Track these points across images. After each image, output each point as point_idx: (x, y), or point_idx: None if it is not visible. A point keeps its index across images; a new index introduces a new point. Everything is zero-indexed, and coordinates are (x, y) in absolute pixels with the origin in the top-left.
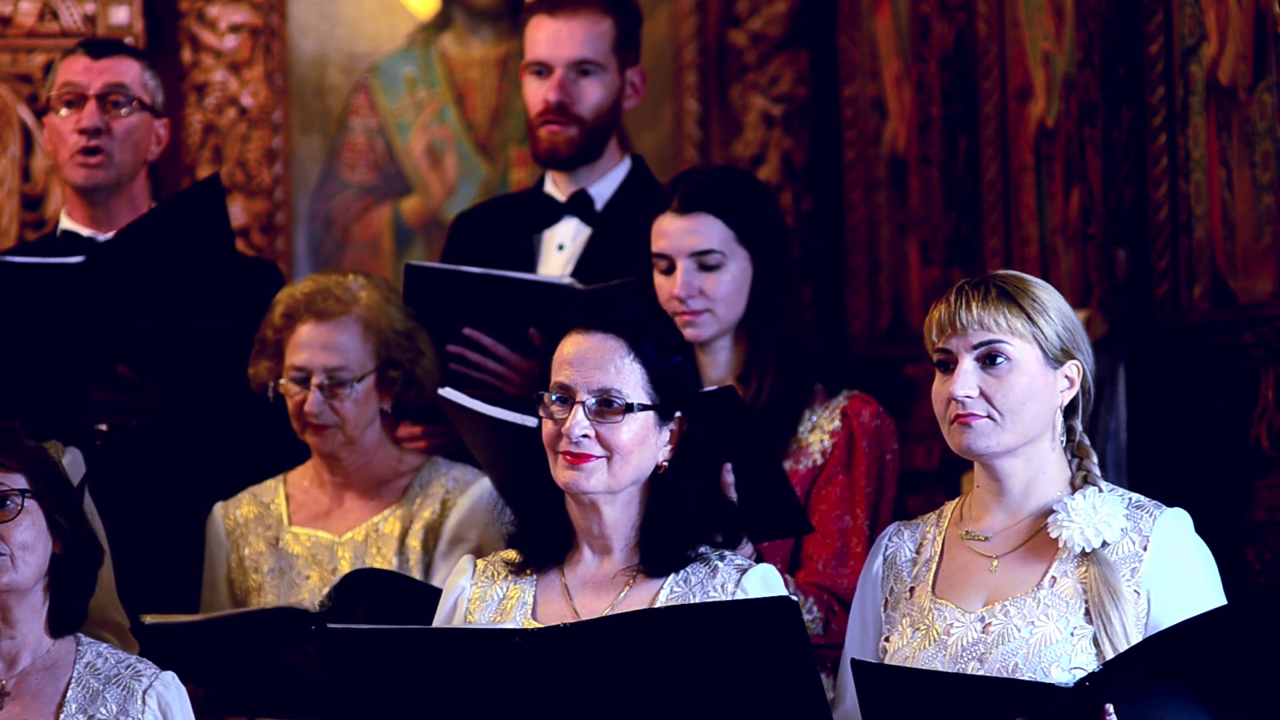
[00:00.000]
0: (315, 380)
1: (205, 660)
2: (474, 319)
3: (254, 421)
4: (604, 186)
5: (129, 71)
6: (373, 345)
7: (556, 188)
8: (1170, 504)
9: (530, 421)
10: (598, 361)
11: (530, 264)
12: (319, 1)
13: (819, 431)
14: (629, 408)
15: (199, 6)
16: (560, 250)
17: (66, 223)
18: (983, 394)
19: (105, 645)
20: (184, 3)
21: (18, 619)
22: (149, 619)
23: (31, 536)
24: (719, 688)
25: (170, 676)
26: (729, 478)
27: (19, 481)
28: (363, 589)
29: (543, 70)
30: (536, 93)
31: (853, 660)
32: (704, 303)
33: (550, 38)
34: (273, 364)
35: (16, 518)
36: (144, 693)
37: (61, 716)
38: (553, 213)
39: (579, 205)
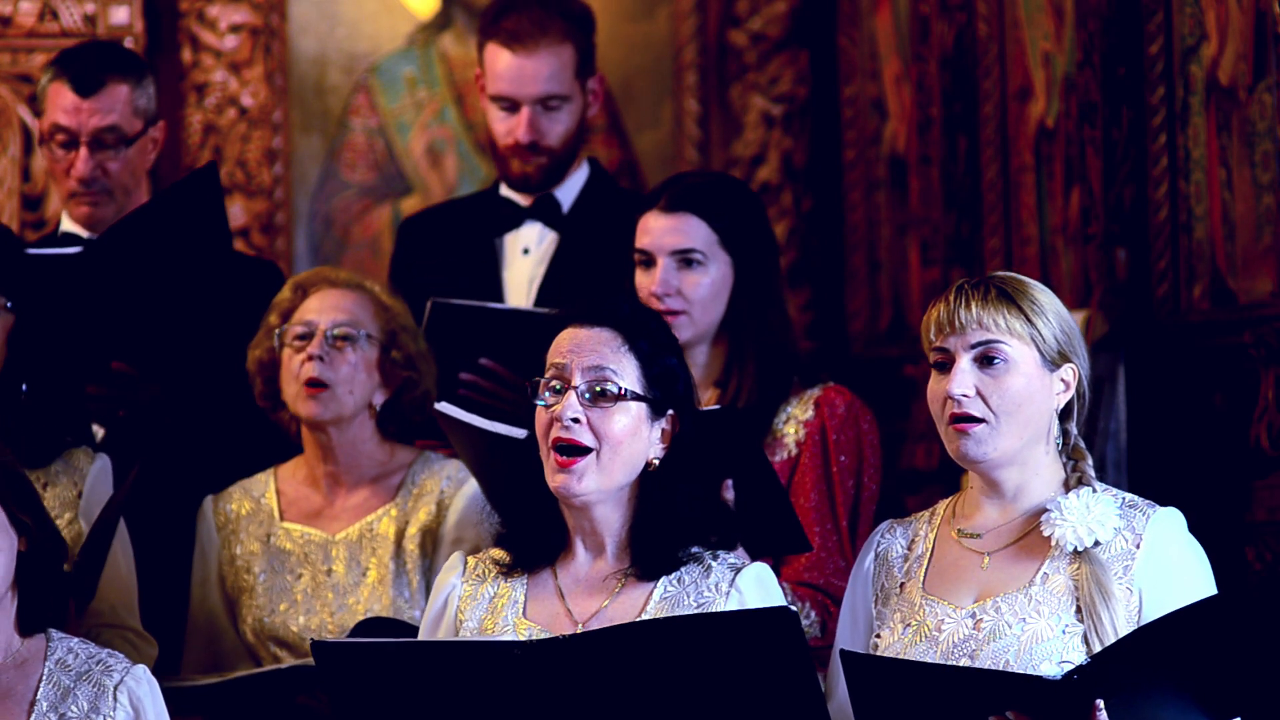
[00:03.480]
0: (322, 328)
1: (221, 709)
2: (496, 352)
3: (249, 419)
4: (568, 190)
5: (118, 104)
6: (382, 320)
7: (516, 192)
8: (1170, 504)
9: (524, 434)
10: (593, 348)
11: (493, 267)
12: (319, 1)
13: (793, 422)
14: (621, 394)
15: (199, 6)
16: (526, 254)
17: (68, 224)
18: (979, 394)
19: (76, 640)
20: (184, 3)
21: None
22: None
23: None
24: (719, 697)
25: (141, 670)
26: (729, 494)
27: None
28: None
29: (508, 105)
30: (503, 124)
31: (842, 651)
32: (681, 303)
33: (514, 74)
34: (274, 343)
35: None
36: (115, 688)
37: (33, 715)
38: (514, 217)
39: (544, 209)
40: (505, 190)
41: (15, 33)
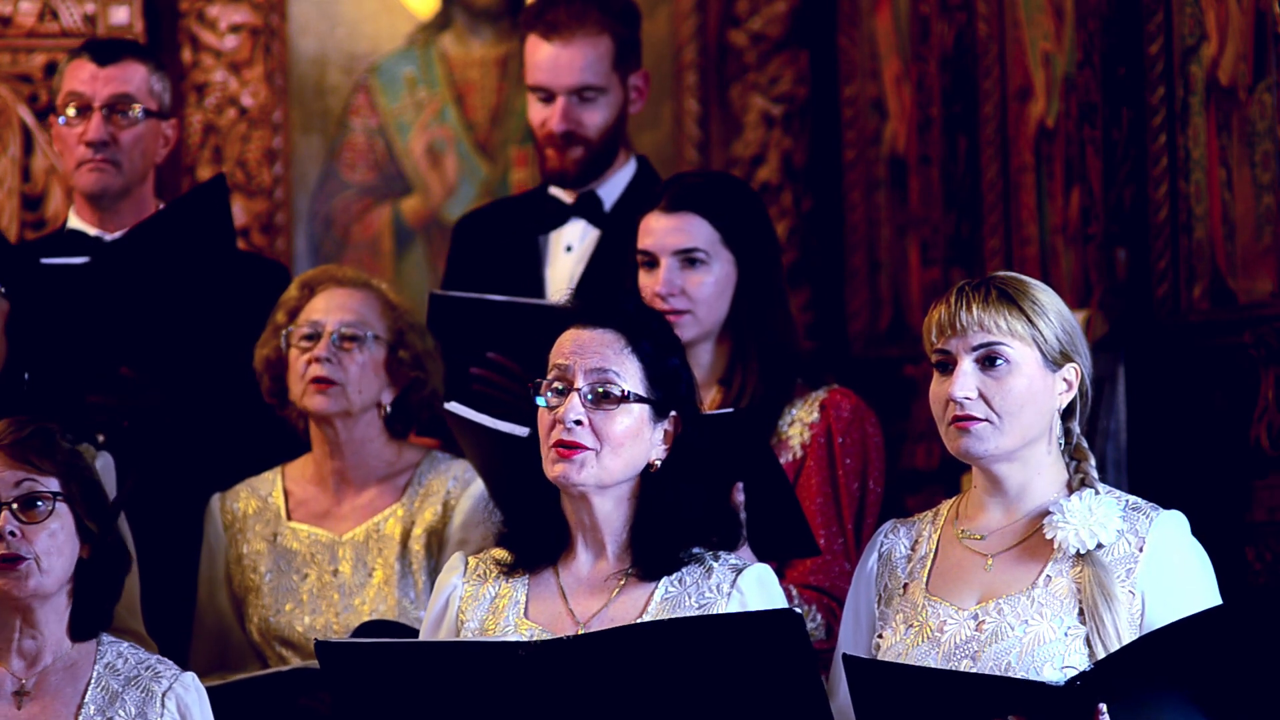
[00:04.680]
0: (329, 329)
1: (223, 711)
2: (497, 344)
3: (254, 421)
4: (611, 188)
5: (135, 78)
6: (389, 320)
7: (562, 189)
8: (1170, 504)
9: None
10: (596, 349)
11: (537, 266)
12: (319, 1)
13: (798, 424)
14: (624, 396)
15: (199, 6)
16: (569, 252)
17: (74, 221)
18: (981, 396)
19: (126, 645)
20: (184, 3)
21: (40, 621)
22: None
23: (60, 541)
24: (723, 699)
25: (190, 678)
26: (739, 497)
27: (52, 484)
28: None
29: (544, 94)
30: (540, 114)
31: (844, 655)
32: (685, 303)
33: (549, 63)
34: (280, 341)
35: (45, 521)
36: (163, 695)
37: (80, 718)
38: (559, 214)
39: (587, 207)
40: (552, 188)
41: (15, 33)
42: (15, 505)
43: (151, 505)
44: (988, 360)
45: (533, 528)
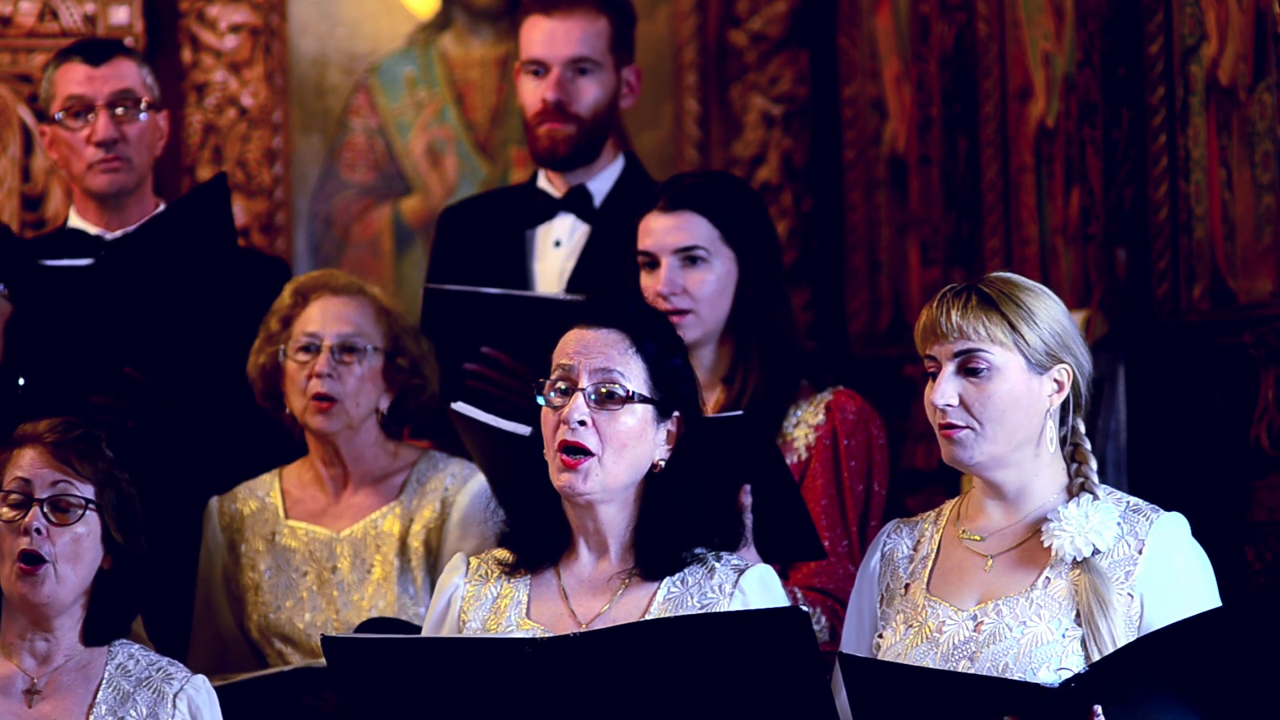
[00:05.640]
0: (327, 343)
1: (226, 710)
2: (492, 338)
3: (254, 422)
4: (601, 183)
5: (130, 74)
6: (385, 327)
7: (551, 184)
8: (1170, 504)
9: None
10: (600, 349)
11: (524, 259)
12: (319, 1)
13: (804, 426)
14: (629, 396)
15: (199, 6)
16: (557, 246)
17: (76, 221)
18: (963, 402)
19: (138, 647)
20: (184, 3)
21: (53, 625)
22: None
23: (82, 547)
24: (728, 697)
25: (201, 680)
26: (747, 499)
27: (87, 491)
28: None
29: (539, 69)
30: (534, 92)
31: (840, 655)
32: (688, 301)
33: (546, 37)
34: (276, 350)
35: (73, 525)
36: (174, 696)
37: (91, 717)
38: (548, 208)
39: (577, 201)
40: (541, 182)
41: (15, 33)
42: (46, 505)
43: (151, 506)
44: (969, 366)
45: (535, 528)
